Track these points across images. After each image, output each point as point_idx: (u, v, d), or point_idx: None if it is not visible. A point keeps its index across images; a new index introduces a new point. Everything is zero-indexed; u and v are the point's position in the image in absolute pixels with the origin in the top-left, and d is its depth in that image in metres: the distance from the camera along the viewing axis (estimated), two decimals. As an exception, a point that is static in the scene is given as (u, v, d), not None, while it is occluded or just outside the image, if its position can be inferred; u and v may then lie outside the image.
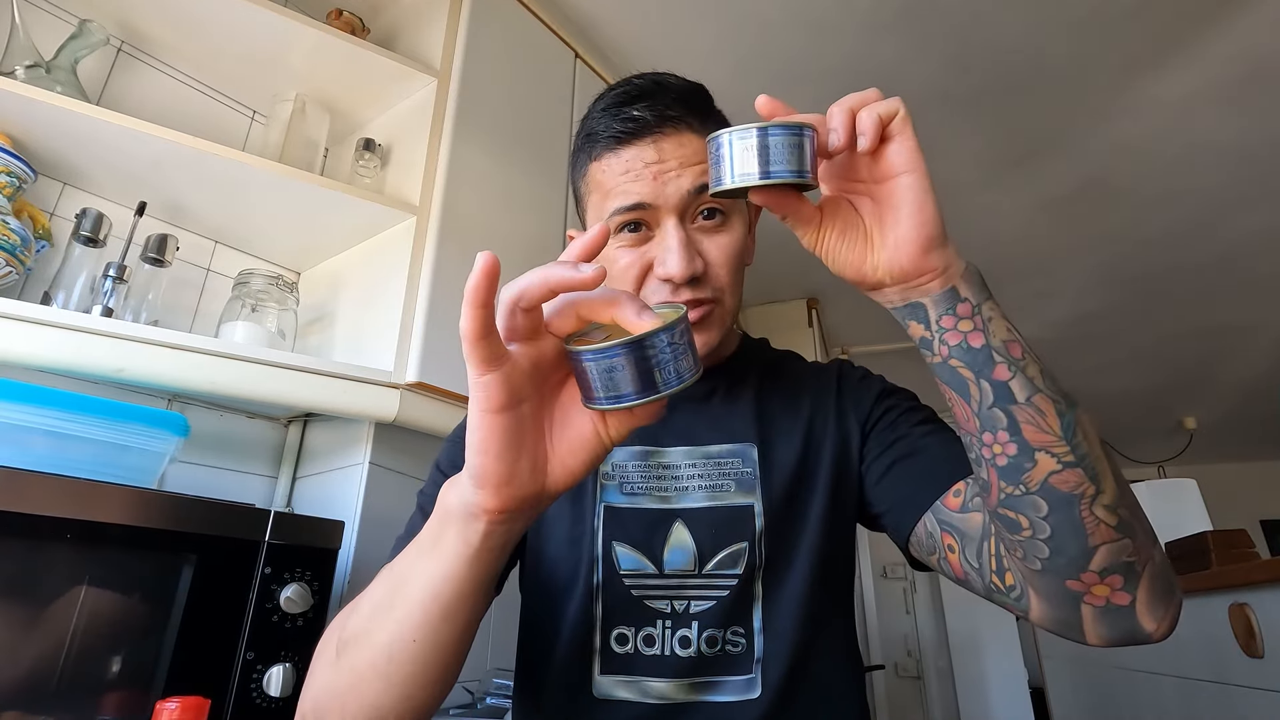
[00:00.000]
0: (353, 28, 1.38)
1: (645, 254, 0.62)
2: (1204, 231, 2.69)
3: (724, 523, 0.63)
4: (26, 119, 1.01)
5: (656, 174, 0.61)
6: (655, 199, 0.61)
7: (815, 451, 0.66)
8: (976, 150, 2.26)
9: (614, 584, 0.62)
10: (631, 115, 0.62)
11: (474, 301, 0.35)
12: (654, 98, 0.63)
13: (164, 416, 0.97)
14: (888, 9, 1.74)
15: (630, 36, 1.82)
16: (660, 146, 0.62)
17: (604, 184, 0.64)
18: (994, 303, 0.47)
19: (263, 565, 0.89)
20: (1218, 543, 1.79)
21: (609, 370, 0.35)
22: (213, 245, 1.32)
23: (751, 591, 0.61)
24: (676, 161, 0.61)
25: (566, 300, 0.38)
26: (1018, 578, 0.50)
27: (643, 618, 0.61)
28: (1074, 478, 0.44)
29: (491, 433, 0.37)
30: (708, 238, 0.63)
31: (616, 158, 0.63)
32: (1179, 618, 0.47)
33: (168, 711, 0.66)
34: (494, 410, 0.37)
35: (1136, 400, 4.45)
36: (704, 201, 0.62)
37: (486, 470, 0.37)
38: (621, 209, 0.61)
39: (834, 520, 0.65)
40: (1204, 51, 1.87)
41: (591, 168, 0.66)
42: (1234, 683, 1.56)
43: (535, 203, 1.47)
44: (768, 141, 0.43)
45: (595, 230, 0.39)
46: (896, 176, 0.46)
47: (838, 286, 3.14)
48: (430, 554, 0.42)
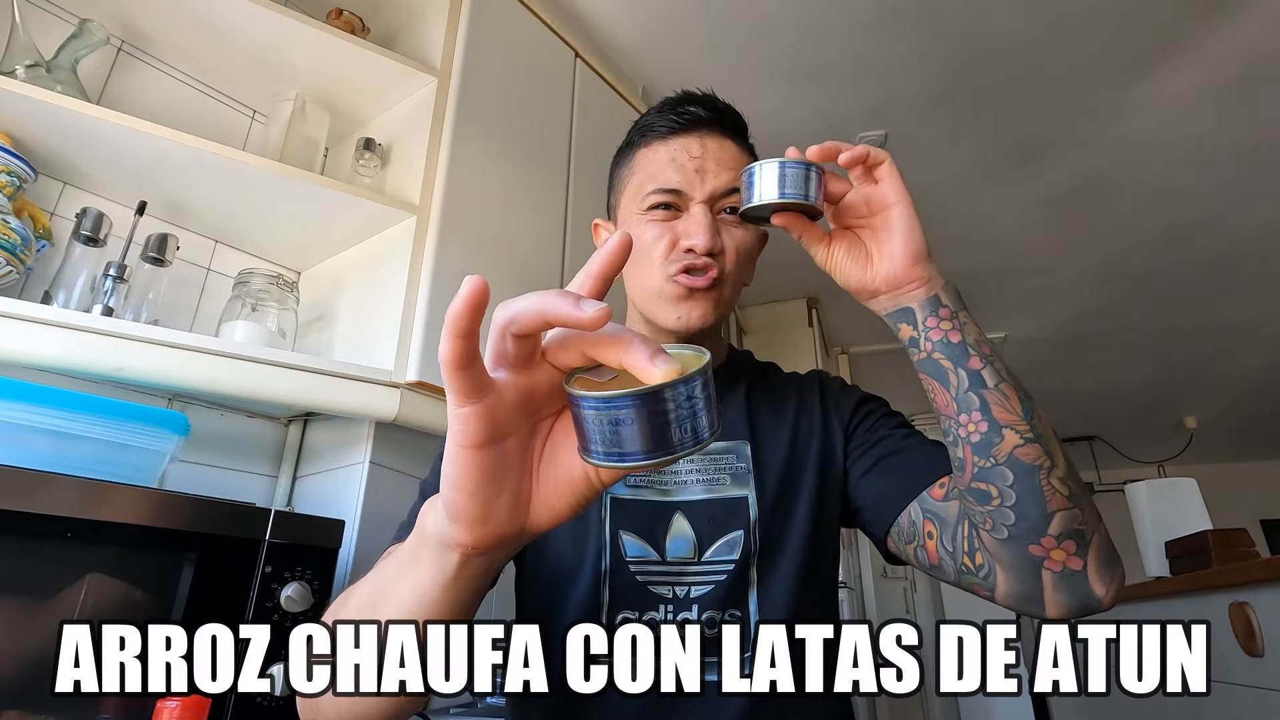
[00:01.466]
0: (353, 27, 1.39)
1: (673, 229, 0.70)
2: (1204, 230, 2.69)
3: (721, 513, 0.68)
4: (27, 118, 1.02)
5: (697, 167, 0.70)
6: (691, 189, 0.69)
7: (802, 449, 0.72)
8: (976, 149, 2.26)
9: (621, 570, 0.66)
10: (687, 110, 0.72)
11: (454, 330, 0.31)
12: (708, 104, 0.73)
13: (164, 416, 0.97)
14: (886, 8, 1.74)
15: (630, 36, 1.82)
16: (705, 143, 0.71)
17: (648, 168, 0.72)
18: (967, 312, 0.58)
19: (263, 564, 0.89)
20: (1218, 542, 1.80)
21: (614, 423, 0.30)
22: (213, 245, 1.33)
23: (747, 576, 0.66)
24: (715, 161, 0.70)
25: (570, 333, 0.33)
26: (985, 556, 0.58)
27: (647, 602, 0.65)
28: (1034, 451, 0.53)
29: (467, 469, 0.33)
30: (727, 229, 0.70)
31: (665, 145, 0.71)
32: (1121, 589, 0.56)
33: (168, 710, 0.66)
34: (471, 446, 0.33)
35: (1136, 399, 4.45)
36: (731, 200, 0.70)
37: (459, 507, 0.34)
38: (661, 189, 0.70)
39: (821, 512, 0.70)
40: (1203, 50, 1.87)
41: (638, 155, 0.74)
42: (1234, 681, 1.56)
43: (535, 201, 1.47)
44: (784, 171, 0.56)
45: (613, 245, 0.35)
46: (889, 208, 0.58)
47: (837, 287, 3.13)
48: (408, 573, 0.40)
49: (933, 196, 2.50)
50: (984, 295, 3.19)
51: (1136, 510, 2.33)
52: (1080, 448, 5.27)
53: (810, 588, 0.67)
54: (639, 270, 0.71)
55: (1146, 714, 2.00)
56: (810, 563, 0.68)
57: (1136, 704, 2.08)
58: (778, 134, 2.17)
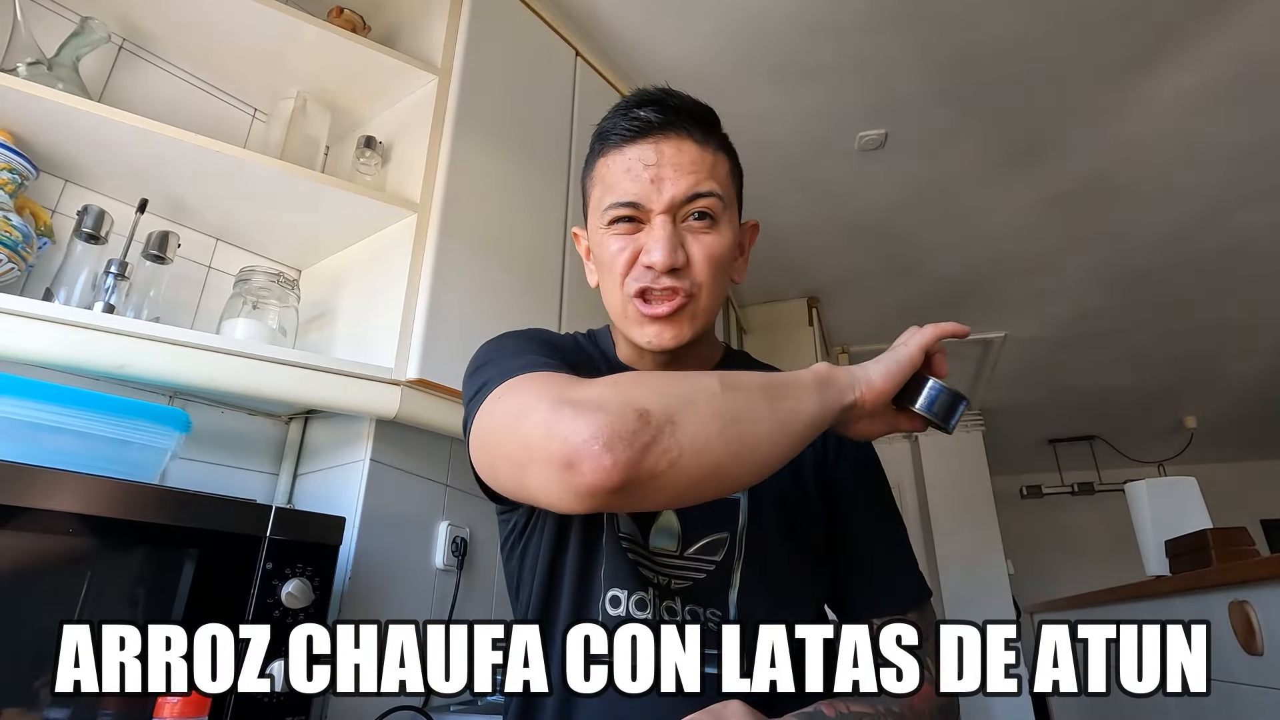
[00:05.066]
0: (354, 25, 1.38)
1: (636, 242, 0.67)
2: (1205, 229, 2.69)
3: (710, 512, 0.68)
4: (29, 116, 1.02)
5: (653, 176, 0.66)
6: (648, 200, 0.66)
7: (800, 460, 0.71)
8: (977, 149, 2.26)
9: (614, 546, 0.67)
10: (638, 115, 0.67)
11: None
12: (661, 104, 0.68)
13: (165, 413, 0.97)
14: (886, 8, 1.74)
15: (630, 34, 1.82)
16: (660, 149, 0.66)
17: (606, 179, 0.69)
18: None
19: (264, 560, 0.89)
20: (1218, 540, 1.80)
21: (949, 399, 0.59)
22: (214, 242, 1.33)
23: (729, 579, 0.66)
24: (672, 167, 0.66)
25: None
26: None
27: (637, 583, 0.66)
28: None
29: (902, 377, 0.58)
30: (695, 237, 0.67)
31: (620, 155, 0.68)
32: None
33: (169, 705, 0.66)
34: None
35: (1137, 399, 4.44)
36: (696, 205, 0.66)
37: (881, 391, 0.57)
38: (617, 204, 0.67)
39: (812, 522, 0.71)
40: (1204, 49, 1.87)
41: (598, 164, 0.71)
42: (1234, 680, 1.56)
43: (536, 200, 1.47)
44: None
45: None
46: None
47: (838, 285, 3.14)
48: (802, 397, 0.54)
49: (933, 196, 2.50)
50: (984, 295, 3.19)
51: (1136, 509, 2.33)
52: (1080, 447, 5.27)
53: (795, 597, 0.68)
54: (606, 287, 0.71)
55: (1147, 714, 2.00)
56: (798, 574, 0.69)
57: (1137, 704, 2.08)
58: (777, 133, 2.17)
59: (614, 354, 0.78)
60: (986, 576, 4.11)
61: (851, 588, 0.72)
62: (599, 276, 0.73)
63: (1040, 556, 5.55)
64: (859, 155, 2.27)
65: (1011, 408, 4.54)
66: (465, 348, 0.76)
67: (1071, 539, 5.67)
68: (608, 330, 0.81)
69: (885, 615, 0.70)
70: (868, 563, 0.72)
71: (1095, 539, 5.49)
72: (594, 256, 0.73)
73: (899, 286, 3.12)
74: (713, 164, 0.68)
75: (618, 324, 0.72)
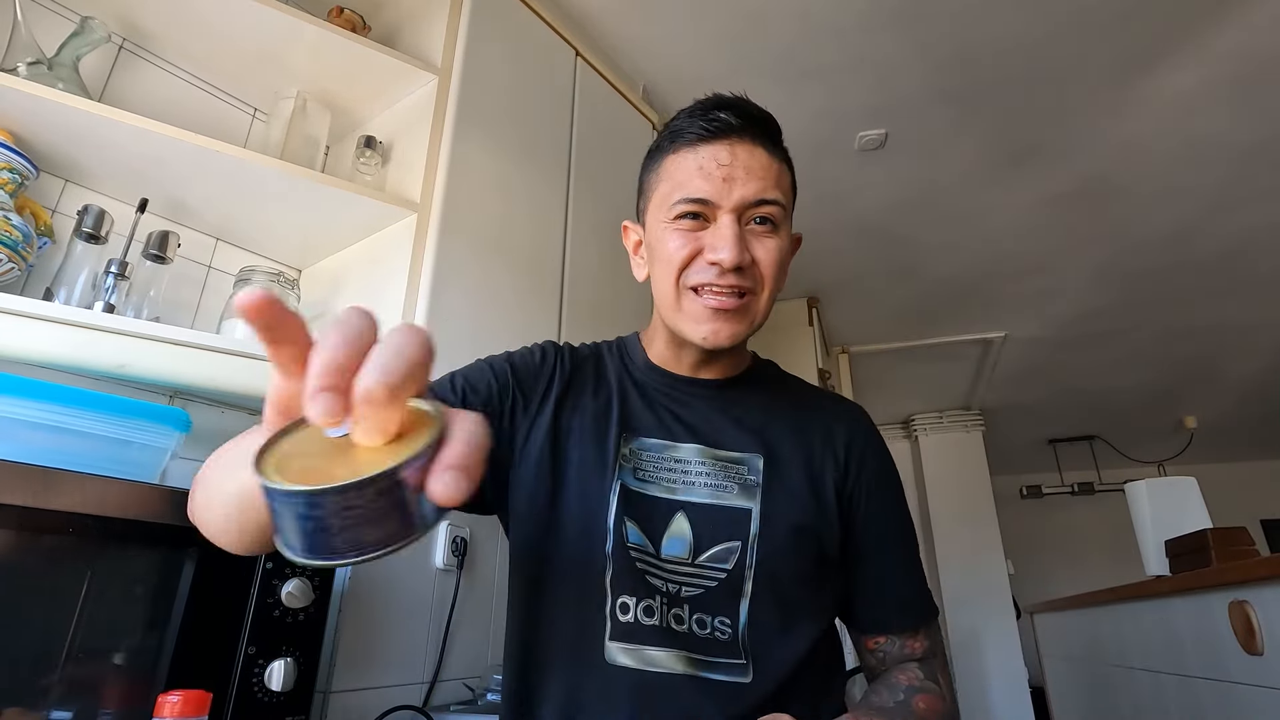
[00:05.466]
0: (354, 25, 1.38)
1: (699, 239, 0.68)
2: (1205, 229, 2.69)
3: (723, 521, 0.68)
4: (29, 115, 1.01)
5: (726, 176, 0.67)
6: (719, 198, 0.67)
7: (819, 473, 0.72)
8: (976, 149, 2.26)
9: (622, 554, 0.66)
10: (717, 116, 0.69)
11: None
12: (738, 109, 0.70)
13: (166, 412, 0.97)
14: (886, 7, 1.74)
15: (630, 34, 1.82)
16: (734, 151, 0.68)
17: (676, 175, 0.70)
18: None
19: (264, 560, 0.89)
20: (1218, 540, 1.80)
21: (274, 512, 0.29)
22: (214, 242, 1.33)
23: (740, 589, 0.66)
24: (744, 170, 0.67)
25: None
26: None
27: (644, 590, 0.65)
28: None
29: None
30: (757, 240, 0.69)
31: (694, 153, 0.69)
32: None
33: (169, 704, 0.66)
34: None
35: (1137, 399, 4.45)
36: (761, 210, 0.68)
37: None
38: (688, 199, 0.68)
39: (825, 532, 0.71)
40: (1204, 49, 1.87)
41: (667, 160, 0.72)
42: (1234, 680, 1.56)
43: (536, 199, 1.47)
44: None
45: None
46: None
47: (838, 285, 3.14)
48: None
49: (933, 196, 2.50)
50: (984, 295, 3.19)
51: (1137, 509, 2.33)
52: (1080, 447, 5.27)
53: (806, 607, 0.68)
54: (659, 279, 0.71)
55: (1146, 713, 2.00)
56: (808, 584, 0.69)
57: (1135, 699, 2.08)
58: (779, 133, 2.17)
59: (643, 359, 0.78)
60: (986, 576, 4.12)
61: (863, 602, 0.73)
62: (651, 269, 0.73)
63: (1040, 556, 5.56)
64: (859, 155, 2.27)
65: (1011, 408, 4.54)
66: (465, 348, 0.77)
67: (1071, 539, 5.68)
68: (637, 337, 0.81)
69: (894, 631, 0.71)
70: (880, 579, 0.73)
71: (1095, 539, 5.50)
72: (649, 250, 0.74)
73: (899, 286, 3.12)
74: (779, 173, 0.70)
75: (667, 318, 0.72)
